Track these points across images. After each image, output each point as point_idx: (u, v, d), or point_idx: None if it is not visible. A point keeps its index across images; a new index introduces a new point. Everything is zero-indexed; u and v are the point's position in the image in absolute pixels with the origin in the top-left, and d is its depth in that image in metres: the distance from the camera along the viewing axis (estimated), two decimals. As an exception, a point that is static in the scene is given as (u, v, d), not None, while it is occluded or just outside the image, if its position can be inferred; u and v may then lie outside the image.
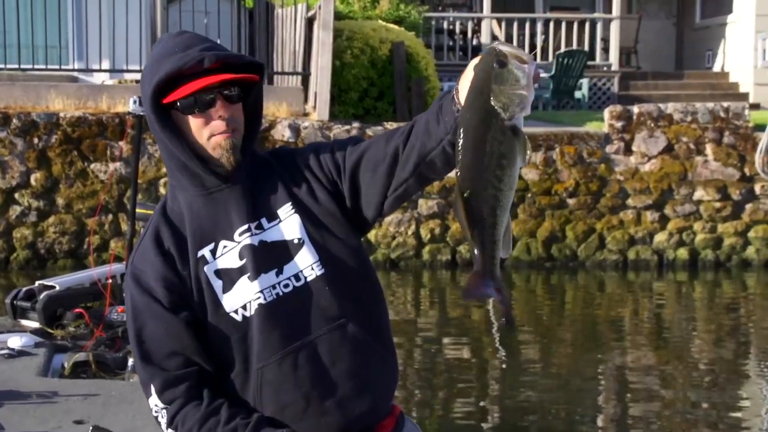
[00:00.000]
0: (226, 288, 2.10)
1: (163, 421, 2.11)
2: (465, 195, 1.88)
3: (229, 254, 2.12)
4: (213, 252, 2.12)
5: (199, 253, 2.12)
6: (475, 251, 1.94)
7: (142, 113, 4.97)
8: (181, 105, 2.07)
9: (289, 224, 2.14)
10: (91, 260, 8.77)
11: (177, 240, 2.13)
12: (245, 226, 2.13)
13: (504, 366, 7.45)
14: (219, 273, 2.11)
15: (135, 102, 4.92)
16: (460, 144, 1.88)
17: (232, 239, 2.12)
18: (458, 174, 1.90)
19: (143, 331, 2.11)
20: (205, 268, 2.11)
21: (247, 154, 2.16)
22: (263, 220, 2.14)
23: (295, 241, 2.12)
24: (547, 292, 10.17)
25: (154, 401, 2.11)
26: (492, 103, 1.82)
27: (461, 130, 1.87)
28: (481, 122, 1.83)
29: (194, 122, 2.09)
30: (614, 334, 8.59)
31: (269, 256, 2.12)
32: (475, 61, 1.88)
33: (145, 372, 2.12)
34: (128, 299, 2.16)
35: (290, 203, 2.15)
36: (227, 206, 2.13)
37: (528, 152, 1.86)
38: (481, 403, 6.54)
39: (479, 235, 1.90)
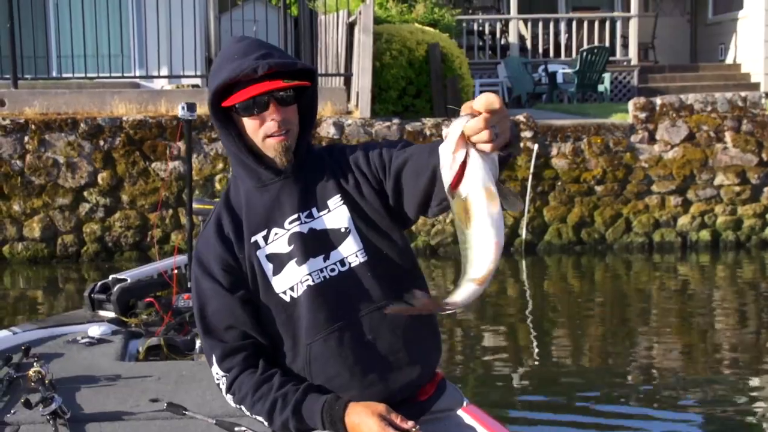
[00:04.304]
0: (276, 271, 2.13)
1: (223, 387, 2.18)
2: None
3: (279, 240, 2.14)
4: (265, 238, 2.15)
5: (253, 239, 2.15)
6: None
7: (190, 118, 4.93)
8: (239, 108, 2.09)
9: (337, 214, 2.15)
10: (155, 251, 8.83)
11: (235, 226, 2.17)
12: (295, 216, 2.15)
13: (537, 341, 7.35)
14: (270, 257, 2.14)
15: (183, 108, 4.88)
16: None
17: (282, 227, 2.15)
18: None
19: (205, 308, 2.17)
20: (258, 253, 2.15)
21: (301, 149, 2.17)
22: (314, 210, 2.16)
23: (342, 230, 2.14)
24: (577, 274, 10.03)
25: (216, 369, 2.18)
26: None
27: None
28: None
29: (250, 124, 2.11)
30: (642, 309, 8.46)
31: (318, 243, 2.14)
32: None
33: (207, 344, 2.20)
34: (192, 279, 2.23)
35: (339, 195, 2.16)
36: (280, 197, 2.16)
37: (482, 203, 1.68)
38: (517, 372, 6.45)
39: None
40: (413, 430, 2.00)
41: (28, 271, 9.62)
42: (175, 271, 5.02)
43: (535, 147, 10.17)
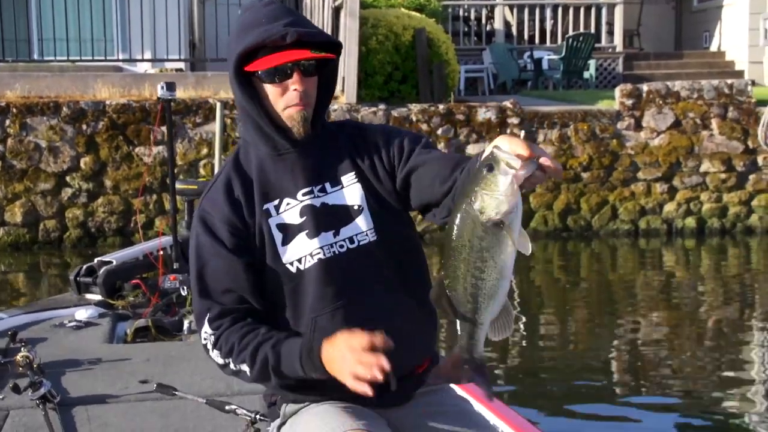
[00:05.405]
0: (285, 241, 2.12)
1: (210, 344, 2.12)
2: (445, 282, 1.88)
3: (291, 211, 2.13)
4: (277, 207, 2.14)
5: (265, 206, 2.14)
6: (458, 332, 1.92)
7: (170, 98, 4.93)
8: (262, 74, 2.09)
9: (351, 191, 2.15)
10: (139, 237, 8.77)
11: (246, 190, 2.15)
12: (308, 188, 2.15)
13: (524, 326, 7.37)
14: (280, 227, 2.13)
15: (162, 88, 4.87)
16: (446, 236, 1.88)
17: (295, 198, 2.14)
18: (441, 262, 1.92)
19: (205, 269, 2.12)
20: (269, 221, 2.13)
21: (317, 122, 2.18)
22: (327, 185, 2.16)
23: (355, 207, 2.14)
24: (563, 260, 10.06)
25: (205, 329, 2.12)
26: (471, 205, 1.80)
27: (447, 225, 1.88)
28: (460, 221, 1.82)
29: (272, 91, 2.11)
30: (627, 296, 8.50)
31: (329, 218, 2.13)
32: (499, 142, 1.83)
33: (202, 305, 2.13)
34: (193, 238, 2.17)
35: (354, 173, 2.17)
36: (294, 168, 2.15)
37: (520, 242, 1.83)
38: (504, 356, 6.46)
39: (461, 319, 1.89)
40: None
41: (9, 258, 9.54)
42: (161, 252, 5.01)
43: (522, 133, 10.16)
